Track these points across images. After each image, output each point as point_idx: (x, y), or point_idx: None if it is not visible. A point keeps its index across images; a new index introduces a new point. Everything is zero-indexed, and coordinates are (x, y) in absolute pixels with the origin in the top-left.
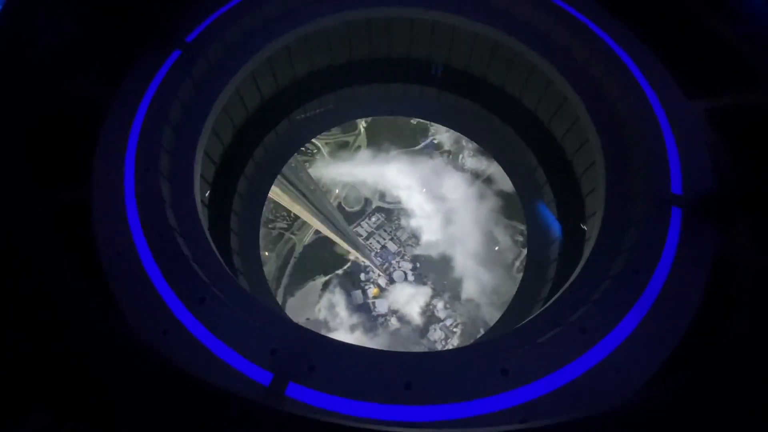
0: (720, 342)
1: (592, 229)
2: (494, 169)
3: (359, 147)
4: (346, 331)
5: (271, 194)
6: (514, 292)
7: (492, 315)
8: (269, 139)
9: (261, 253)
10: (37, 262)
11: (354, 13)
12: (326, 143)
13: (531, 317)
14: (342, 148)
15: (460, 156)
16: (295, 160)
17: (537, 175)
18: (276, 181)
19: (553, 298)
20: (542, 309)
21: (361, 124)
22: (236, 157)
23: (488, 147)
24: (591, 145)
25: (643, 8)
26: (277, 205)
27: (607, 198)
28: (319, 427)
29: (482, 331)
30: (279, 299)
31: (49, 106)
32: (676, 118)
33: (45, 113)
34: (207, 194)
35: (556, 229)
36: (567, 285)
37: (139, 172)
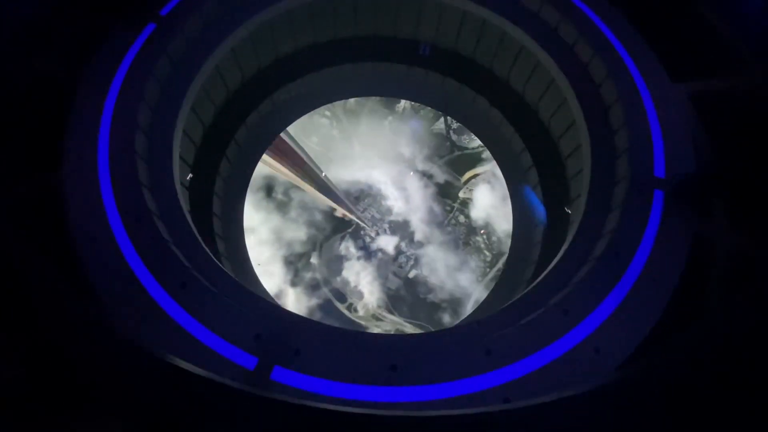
0: (698, 321)
1: (576, 211)
2: (434, 170)
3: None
4: (355, 260)
5: (265, 163)
6: (441, 238)
7: (431, 249)
8: (252, 120)
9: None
10: (7, 251)
11: None
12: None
13: (515, 299)
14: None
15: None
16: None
17: (523, 157)
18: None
19: (537, 280)
20: (526, 290)
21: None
22: (218, 138)
23: (474, 128)
24: (577, 128)
25: None
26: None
27: (592, 181)
28: (304, 411)
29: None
30: (318, 245)
31: (14, 85)
32: (660, 101)
33: (9, 93)
34: (188, 177)
35: (540, 211)
36: (550, 267)
37: (113, 153)
